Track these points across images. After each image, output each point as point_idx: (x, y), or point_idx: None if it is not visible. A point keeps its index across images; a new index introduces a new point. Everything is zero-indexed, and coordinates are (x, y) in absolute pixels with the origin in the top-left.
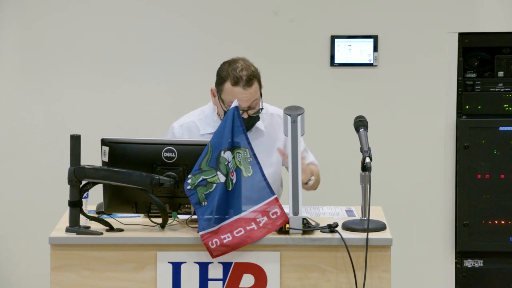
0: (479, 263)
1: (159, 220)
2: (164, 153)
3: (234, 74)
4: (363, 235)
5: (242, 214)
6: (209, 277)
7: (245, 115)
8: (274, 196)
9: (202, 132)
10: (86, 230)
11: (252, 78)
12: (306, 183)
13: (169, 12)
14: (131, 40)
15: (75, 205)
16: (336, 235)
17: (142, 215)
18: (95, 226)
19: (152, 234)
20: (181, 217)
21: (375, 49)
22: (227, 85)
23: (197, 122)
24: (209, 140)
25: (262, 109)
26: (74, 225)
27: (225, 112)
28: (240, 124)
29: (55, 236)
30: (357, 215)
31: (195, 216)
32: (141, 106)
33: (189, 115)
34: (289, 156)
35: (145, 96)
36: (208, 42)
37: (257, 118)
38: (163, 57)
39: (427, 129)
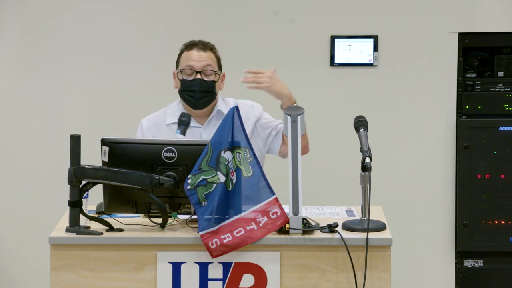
0: (479, 263)
1: (159, 220)
2: (164, 153)
3: (190, 42)
4: (363, 235)
5: (242, 214)
6: (209, 277)
7: (198, 76)
8: (274, 196)
9: (168, 122)
10: (86, 230)
11: (207, 46)
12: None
13: (169, 12)
14: (131, 41)
15: (75, 205)
16: (336, 235)
17: (142, 215)
18: (95, 226)
19: (152, 234)
20: (181, 217)
21: (375, 49)
22: (183, 54)
23: (162, 115)
24: (209, 140)
25: (215, 81)
26: (74, 225)
27: (182, 82)
28: (240, 124)
29: (55, 236)
30: (357, 215)
31: (195, 216)
32: (141, 106)
33: (157, 112)
34: (289, 156)
35: (145, 96)
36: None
37: (211, 87)
38: (163, 57)
39: (427, 129)
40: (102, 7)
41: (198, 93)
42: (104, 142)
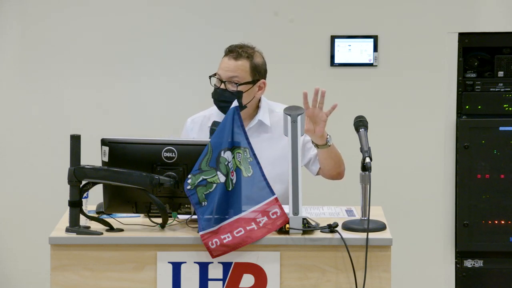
0: (479, 263)
1: (159, 220)
2: (164, 153)
3: (228, 47)
4: (363, 235)
5: (242, 214)
6: (209, 277)
7: (222, 86)
8: (274, 196)
9: (210, 124)
10: (86, 230)
11: (243, 54)
12: (326, 144)
13: (168, 13)
14: (131, 41)
15: (75, 205)
16: (336, 235)
17: (142, 215)
18: (95, 226)
19: (152, 234)
20: (181, 217)
21: (375, 49)
22: (222, 58)
23: (209, 116)
24: (209, 140)
25: (241, 92)
26: (74, 225)
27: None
28: (240, 124)
29: (55, 236)
30: (357, 215)
31: (195, 216)
32: (141, 106)
33: (203, 111)
34: (288, 156)
35: (145, 96)
36: (207, 43)
37: (231, 98)
38: (163, 58)
39: (427, 129)
40: (104, 6)
41: (217, 102)
42: (104, 142)
